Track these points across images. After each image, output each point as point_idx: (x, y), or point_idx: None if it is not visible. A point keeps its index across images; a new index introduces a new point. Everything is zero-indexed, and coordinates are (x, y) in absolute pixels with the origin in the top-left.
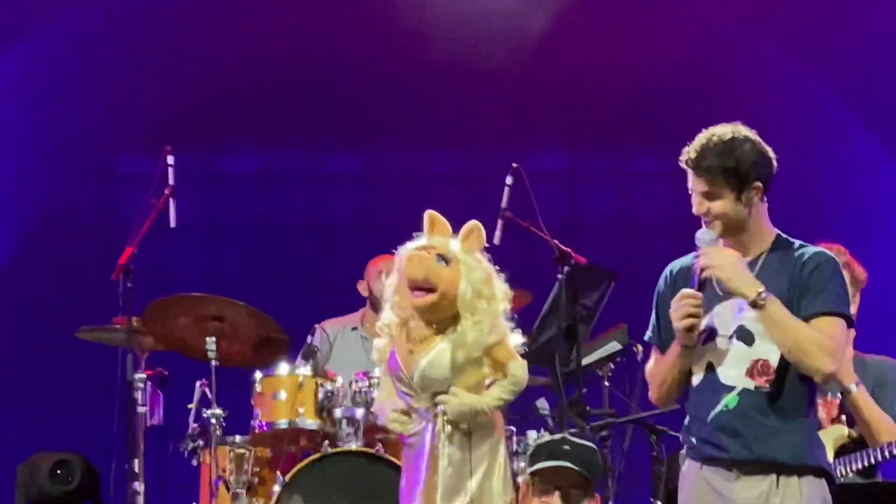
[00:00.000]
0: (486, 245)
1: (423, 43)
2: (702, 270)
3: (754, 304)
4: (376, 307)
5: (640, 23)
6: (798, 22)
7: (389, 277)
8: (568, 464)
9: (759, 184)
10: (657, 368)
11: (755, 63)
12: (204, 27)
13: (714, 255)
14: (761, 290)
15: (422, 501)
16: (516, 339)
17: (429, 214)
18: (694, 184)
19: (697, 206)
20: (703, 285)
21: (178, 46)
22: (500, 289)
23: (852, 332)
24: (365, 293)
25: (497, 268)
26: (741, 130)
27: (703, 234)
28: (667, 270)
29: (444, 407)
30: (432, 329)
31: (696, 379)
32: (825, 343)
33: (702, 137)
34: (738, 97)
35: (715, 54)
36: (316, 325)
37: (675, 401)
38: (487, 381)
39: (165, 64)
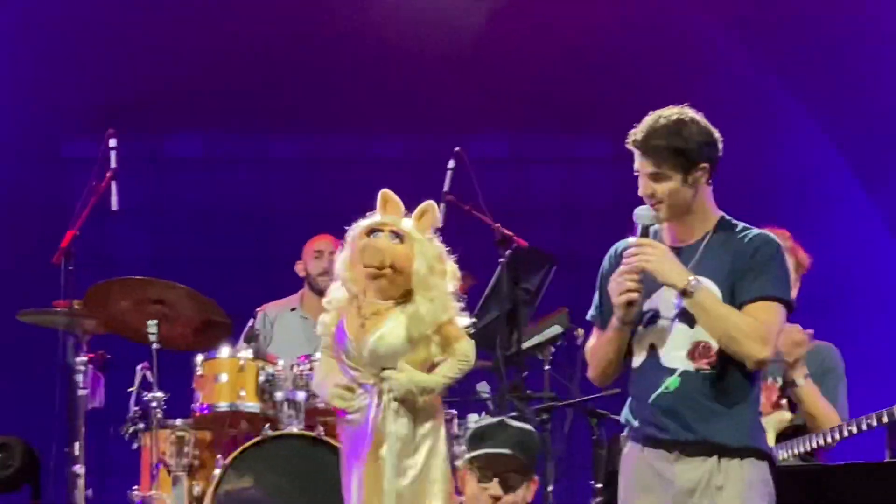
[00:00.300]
0: (439, 226)
1: (365, 28)
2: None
3: (683, 293)
4: (314, 287)
5: (584, 7)
6: (742, 8)
7: (340, 253)
8: (507, 451)
9: (705, 165)
10: (597, 346)
11: (699, 48)
12: (148, 11)
13: (641, 250)
14: (690, 278)
15: (365, 478)
16: (464, 320)
17: (382, 193)
18: (640, 165)
19: (644, 187)
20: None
21: (123, 30)
22: (451, 268)
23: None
24: (302, 274)
25: (448, 249)
26: (688, 112)
27: (641, 211)
28: (612, 250)
29: (390, 383)
30: (385, 303)
31: (638, 360)
32: (757, 329)
33: (649, 119)
34: (682, 83)
35: (659, 39)
36: (257, 310)
37: (612, 380)
38: (436, 360)
39: (109, 48)
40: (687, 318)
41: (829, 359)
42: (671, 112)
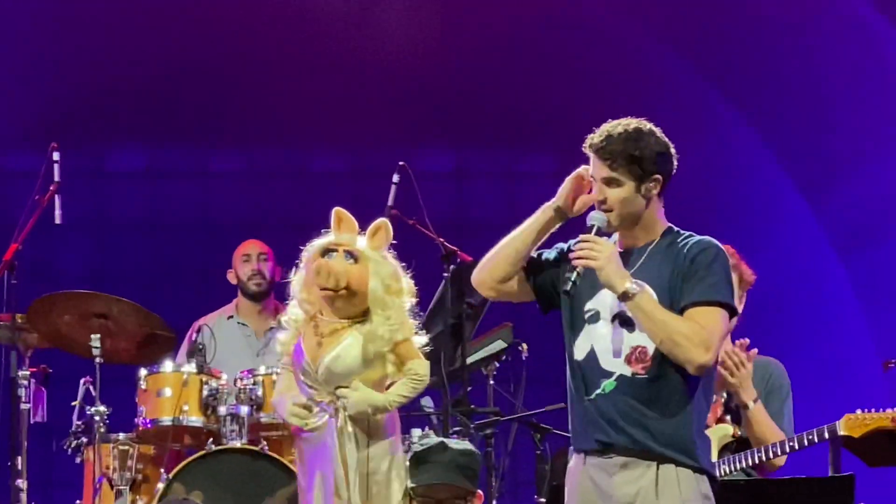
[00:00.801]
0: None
1: (307, 41)
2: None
3: (624, 297)
4: (246, 292)
5: (528, 25)
6: (685, 24)
7: (296, 274)
8: (446, 480)
9: (659, 177)
10: (508, 237)
11: (643, 64)
12: (91, 25)
13: (590, 245)
14: (631, 282)
15: (331, 496)
16: (420, 339)
17: (336, 212)
18: (596, 169)
19: (597, 192)
20: (571, 268)
21: (65, 43)
22: (407, 285)
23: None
24: (234, 281)
25: (403, 265)
26: (647, 124)
27: (596, 214)
28: (563, 244)
29: (345, 401)
30: (342, 322)
31: (577, 361)
32: (699, 334)
33: (607, 125)
34: (626, 98)
35: (603, 56)
36: (195, 323)
37: (497, 283)
38: (392, 379)
39: (52, 61)
40: (626, 321)
41: (774, 376)
42: (630, 121)
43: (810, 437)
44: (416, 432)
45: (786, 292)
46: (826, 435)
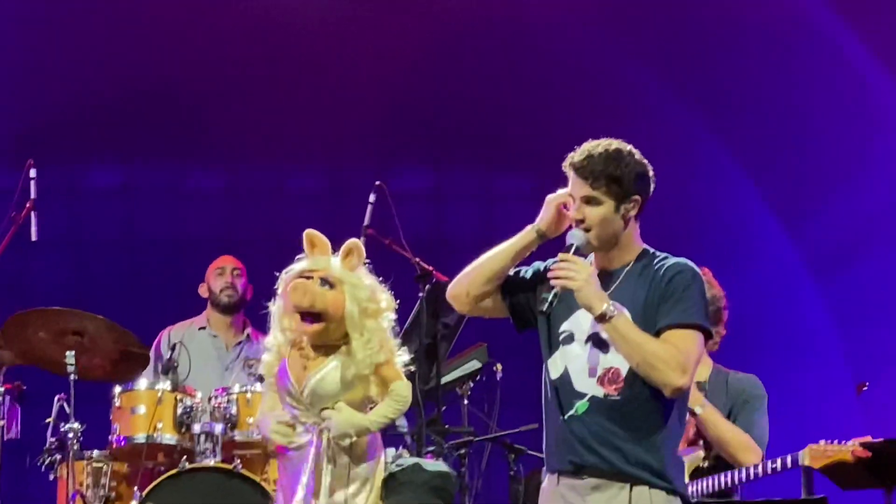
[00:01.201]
0: (367, 260)
1: (285, 60)
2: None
3: (601, 318)
4: (217, 303)
5: (507, 46)
6: (667, 50)
7: (276, 302)
8: (423, 503)
9: (638, 198)
10: (486, 255)
11: (623, 88)
12: (68, 42)
13: (568, 265)
14: (608, 304)
15: None
16: (403, 358)
17: (308, 235)
18: (575, 188)
19: (576, 211)
20: (549, 288)
21: (42, 61)
22: (386, 300)
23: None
24: (205, 294)
25: (380, 278)
26: (627, 145)
27: (576, 232)
28: (542, 262)
29: (328, 422)
30: (322, 350)
31: (552, 382)
32: (675, 357)
33: (588, 144)
34: (606, 122)
35: (584, 79)
36: (164, 331)
37: (472, 300)
38: (375, 399)
39: (28, 78)
40: (599, 342)
41: (750, 388)
42: (611, 141)
43: (774, 465)
44: (391, 452)
45: (761, 314)
46: (789, 465)
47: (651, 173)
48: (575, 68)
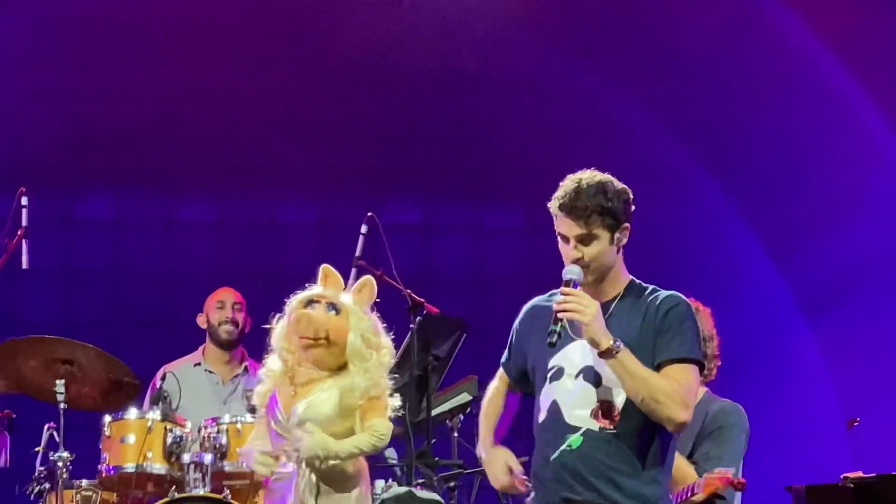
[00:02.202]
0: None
1: (275, 93)
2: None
3: (607, 353)
4: (215, 338)
5: (494, 79)
6: (654, 82)
7: (277, 324)
8: None
9: (627, 224)
10: (491, 406)
11: (612, 121)
12: (60, 73)
13: (577, 300)
14: (615, 341)
15: None
16: (394, 402)
17: (323, 268)
18: (567, 228)
19: (572, 252)
20: (555, 321)
21: (34, 91)
22: (387, 341)
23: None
24: (204, 325)
25: (385, 325)
26: (605, 175)
27: (574, 268)
28: (528, 306)
29: (299, 444)
30: (319, 374)
31: (542, 417)
32: (678, 392)
33: (570, 182)
34: (595, 155)
35: (572, 112)
36: (161, 369)
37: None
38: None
39: (21, 107)
40: (592, 376)
41: (729, 416)
42: (589, 174)
43: None
44: (380, 484)
45: (752, 351)
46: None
47: (632, 197)
48: (566, 102)
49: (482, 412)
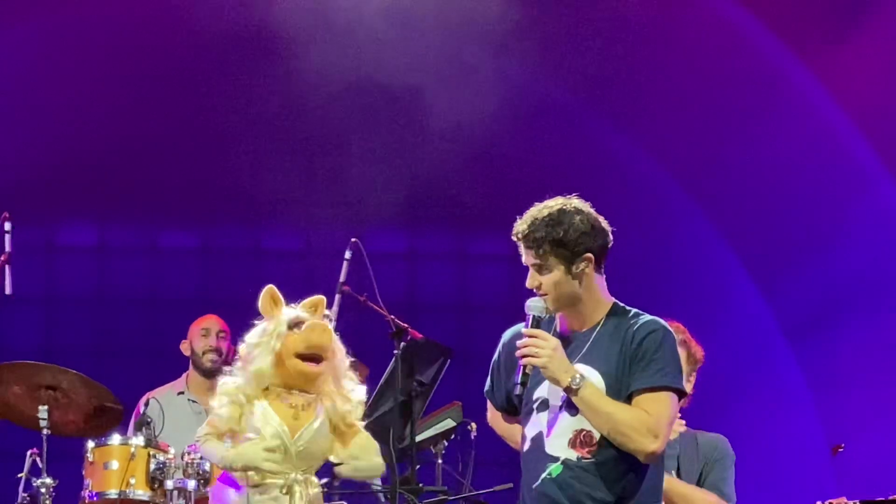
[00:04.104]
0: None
1: (258, 120)
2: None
3: (568, 391)
4: (198, 366)
5: (478, 104)
6: (637, 107)
7: (259, 356)
8: None
9: (589, 255)
10: (499, 428)
11: (596, 147)
12: (45, 101)
13: (533, 342)
14: (575, 376)
15: None
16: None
17: (316, 299)
18: (525, 257)
19: (530, 279)
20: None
21: (18, 118)
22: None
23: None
24: (187, 353)
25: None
26: (573, 203)
27: (533, 303)
28: (506, 336)
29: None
30: (309, 397)
31: (526, 447)
32: (646, 423)
33: (532, 210)
34: (579, 181)
35: (555, 138)
36: (144, 396)
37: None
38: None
39: (3, 134)
40: (571, 406)
41: (717, 450)
42: (554, 203)
43: None
44: None
45: (736, 376)
46: None
47: (602, 226)
48: (549, 128)
49: (499, 432)
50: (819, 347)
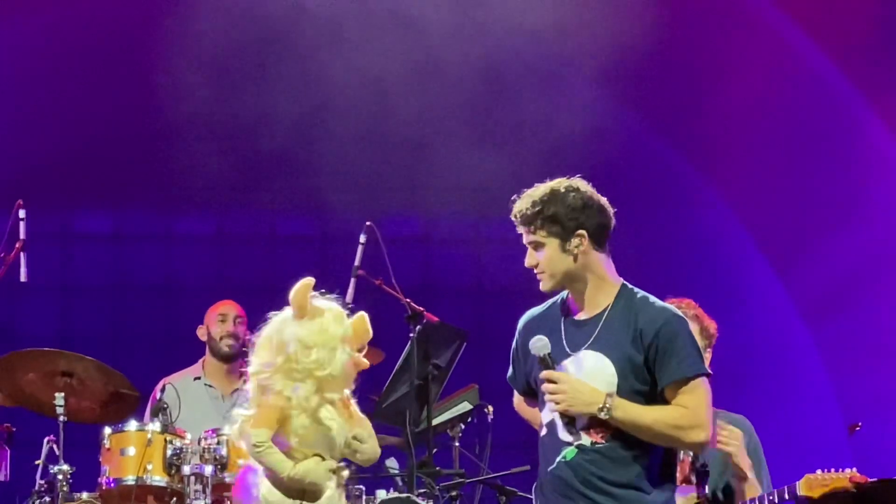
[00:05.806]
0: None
1: (272, 104)
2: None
3: (601, 415)
4: (215, 351)
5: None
6: (655, 94)
7: (334, 364)
8: None
9: (582, 231)
10: (525, 412)
11: (611, 132)
12: (60, 88)
13: (552, 390)
14: (603, 403)
15: None
16: None
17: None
18: (523, 236)
19: (528, 258)
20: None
21: (34, 105)
22: None
23: None
24: (204, 338)
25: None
26: (572, 183)
27: (535, 343)
28: (523, 320)
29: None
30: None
31: (542, 432)
32: (688, 417)
33: (529, 190)
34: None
35: (570, 123)
36: (161, 382)
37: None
38: None
39: (20, 121)
40: None
41: (750, 431)
42: (554, 182)
43: (771, 497)
44: (381, 494)
45: (754, 357)
46: (786, 495)
47: (601, 204)
48: (564, 113)
49: (525, 416)
50: (836, 327)
